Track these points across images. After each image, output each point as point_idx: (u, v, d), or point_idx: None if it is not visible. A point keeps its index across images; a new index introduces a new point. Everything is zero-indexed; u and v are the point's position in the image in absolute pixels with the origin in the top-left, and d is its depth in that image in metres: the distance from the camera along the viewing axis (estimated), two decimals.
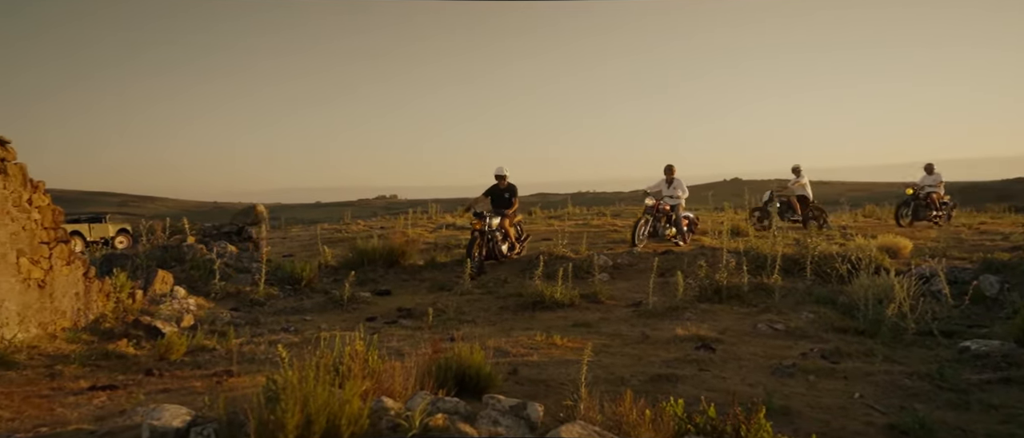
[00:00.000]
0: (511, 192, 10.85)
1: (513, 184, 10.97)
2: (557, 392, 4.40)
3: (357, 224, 20.20)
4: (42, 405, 4.41)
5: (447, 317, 7.66)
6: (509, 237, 10.76)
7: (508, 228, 10.67)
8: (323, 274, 10.30)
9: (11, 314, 5.59)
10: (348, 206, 50.75)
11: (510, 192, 10.85)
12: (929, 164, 16.16)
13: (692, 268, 9.15)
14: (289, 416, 2.63)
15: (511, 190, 10.87)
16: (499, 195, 10.91)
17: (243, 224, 11.28)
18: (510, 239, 10.80)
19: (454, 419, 2.97)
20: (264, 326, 7.45)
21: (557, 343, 6.04)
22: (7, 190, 5.61)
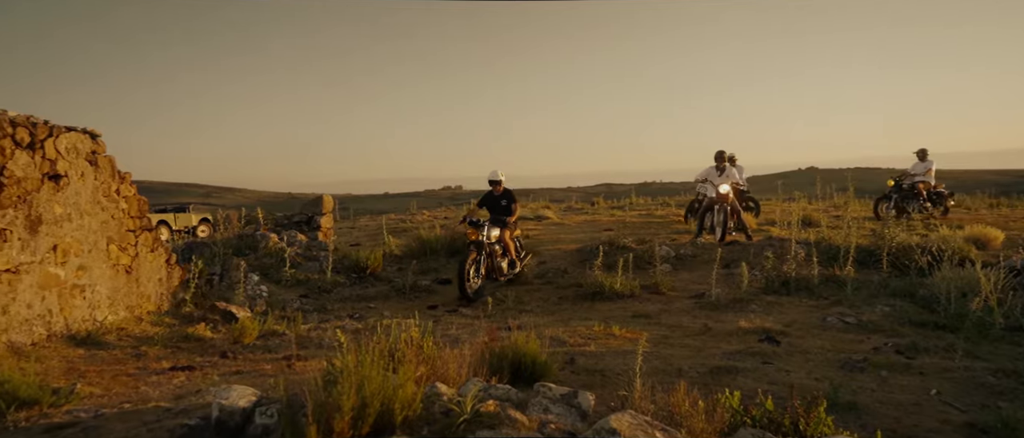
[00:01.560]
0: (508, 198, 9.21)
1: (510, 190, 9.34)
2: (613, 382, 4.36)
3: (422, 214, 20.60)
4: (128, 383, 4.73)
5: (506, 306, 7.72)
6: (510, 252, 9.00)
7: (508, 241, 8.91)
8: (387, 263, 10.56)
9: (102, 297, 6.01)
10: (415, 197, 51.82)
11: (507, 199, 9.21)
12: (922, 150, 14.51)
13: (758, 259, 8.86)
14: (345, 399, 2.71)
15: (508, 197, 9.23)
16: (495, 203, 9.26)
17: (312, 214, 11.71)
18: (511, 254, 9.05)
19: (505, 405, 2.99)
20: (331, 312, 7.73)
21: (615, 333, 5.99)
22: (97, 181, 6.02)
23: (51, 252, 5.42)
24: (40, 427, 3.04)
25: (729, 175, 11.51)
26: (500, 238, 8.77)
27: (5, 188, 4.92)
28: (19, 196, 5.06)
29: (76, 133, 5.77)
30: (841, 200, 17.11)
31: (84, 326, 5.70)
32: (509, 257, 9.05)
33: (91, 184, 5.93)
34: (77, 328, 5.63)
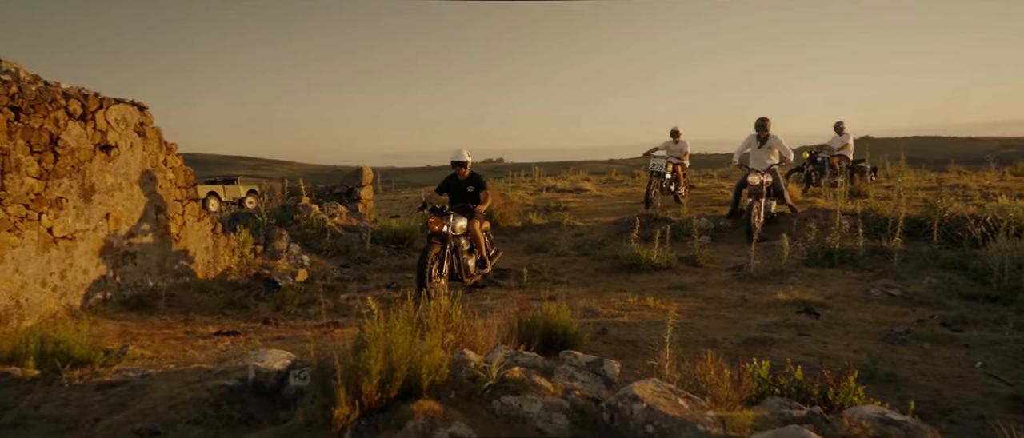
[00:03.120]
0: (476, 184, 7.47)
1: (478, 174, 7.62)
2: (644, 352, 4.35)
3: None
4: (176, 346, 4.95)
5: (542, 278, 7.74)
6: (479, 248, 7.43)
7: (478, 234, 7.34)
8: (426, 234, 10.67)
9: (152, 264, 6.28)
10: None
11: (474, 184, 7.47)
12: (839, 123, 13.84)
13: (801, 231, 8.63)
14: (373, 363, 2.77)
15: (476, 182, 7.49)
16: (460, 189, 7.54)
17: (352, 185, 11.92)
18: (480, 250, 7.46)
19: (531, 372, 3.01)
20: (369, 282, 7.89)
21: (650, 305, 5.95)
22: (146, 152, 6.25)
23: (104, 220, 5.67)
24: (92, 385, 3.22)
25: (774, 148, 9.70)
26: (468, 230, 7.29)
27: (60, 158, 5.15)
28: (73, 166, 5.29)
29: (125, 105, 5.97)
30: (893, 170, 16.46)
31: (136, 291, 5.97)
32: (478, 254, 7.46)
33: (140, 155, 6.15)
34: (129, 293, 5.90)
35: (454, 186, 7.58)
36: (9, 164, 4.67)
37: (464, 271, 7.18)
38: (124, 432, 2.56)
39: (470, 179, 7.53)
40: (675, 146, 13.07)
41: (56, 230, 5.14)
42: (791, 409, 2.47)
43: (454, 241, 7.02)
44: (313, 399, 2.80)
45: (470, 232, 7.31)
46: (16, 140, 4.74)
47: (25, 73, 5.12)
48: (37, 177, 4.94)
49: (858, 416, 2.35)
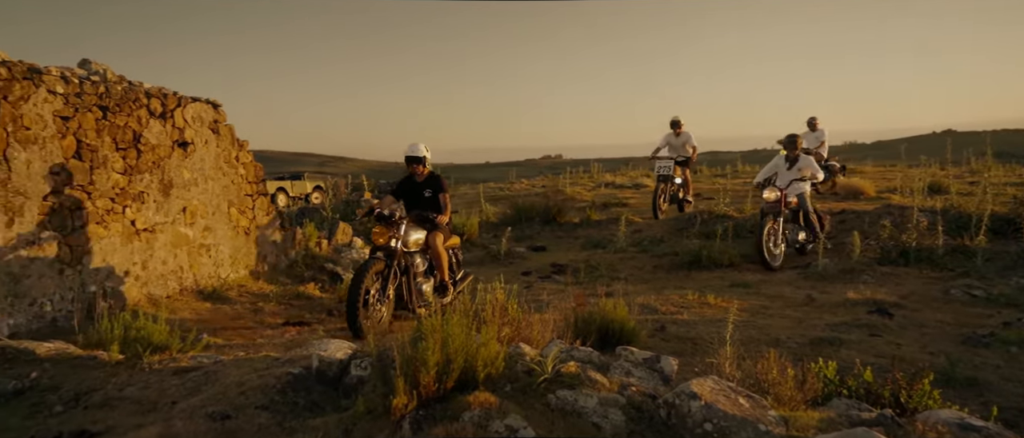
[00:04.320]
0: (435, 187, 5.86)
1: (437, 174, 6.04)
2: (704, 350, 4.25)
3: (520, 183, 20.77)
4: (246, 335, 5.18)
5: (599, 274, 7.69)
6: (440, 268, 5.77)
7: (439, 250, 5.69)
8: (484, 230, 10.79)
9: (224, 256, 6.58)
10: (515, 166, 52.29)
11: (433, 187, 5.86)
12: (812, 118, 12.76)
13: (873, 228, 8.24)
14: (430, 354, 2.82)
15: (434, 184, 5.88)
16: (415, 193, 5.93)
17: None
18: (441, 272, 5.79)
19: (586, 367, 3.00)
20: None
21: (710, 303, 5.82)
22: (219, 148, 6.55)
23: (181, 214, 5.98)
24: (169, 370, 3.40)
25: (805, 168, 7.92)
26: (426, 245, 5.69)
27: (142, 154, 5.47)
28: (153, 162, 5.60)
29: (200, 103, 6.28)
30: (979, 165, 15.47)
31: (210, 282, 6.28)
32: (438, 277, 5.82)
33: (214, 151, 6.46)
34: (204, 284, 6.21)
35: (409, 189, 5.95)
36: (97, 160, 4.99)
37: (417, 298, 5.50)
38: (199, 415, 2.69)
39: (428, 181, 5.88)
40: (677, 139, 11.18)
41: (138, 223, 5.46)
42: (859, 411, 2.37)
43: (406, 259, 5.42)
44: (373, 388, 2.87)
45: (430, 248, 5.69)
46: (103, 137, 5.06)
47: (112, 74, 5.45)
48: (122, 172, 5.26)
49: (933, 420, 2.23)
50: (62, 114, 4.68)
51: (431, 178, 5.94)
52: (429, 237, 5.69)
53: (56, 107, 4.63)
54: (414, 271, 5.57)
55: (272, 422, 2.73)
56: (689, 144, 11.23)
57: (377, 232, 5.36)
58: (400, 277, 5.41)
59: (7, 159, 4.25)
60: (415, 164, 5.84)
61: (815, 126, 12.74)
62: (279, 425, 2.71)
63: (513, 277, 7.38)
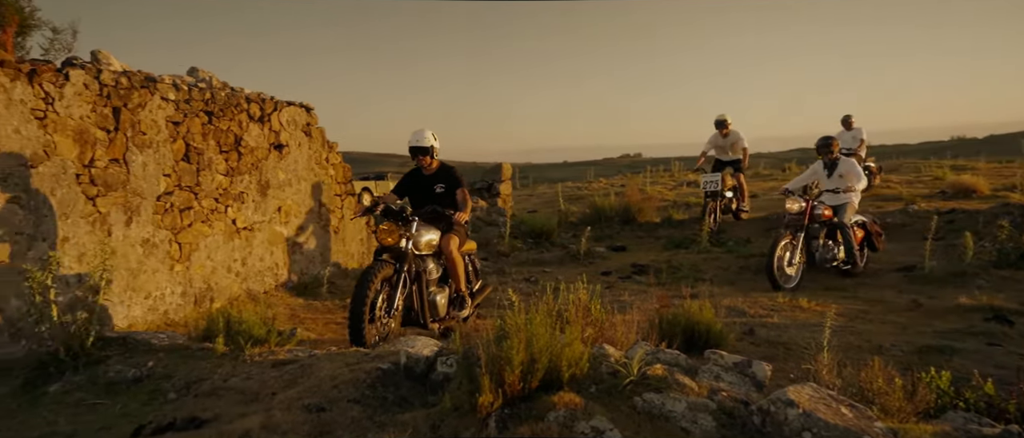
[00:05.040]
0: (449, 182, 5.08)
1: (449, 166, 5.20)
2: (797, 356, 4.06)
3: (598, 182, 20.59)
4: (337, 330, 5.39)
5: (682, 274, 7.49)
6: (456, 278, 4.94)
7: (455, 257, 4.85)
8: (563, 229, 10.75)
9: (315, 254, 6.88)
10: (593, 165, 51.81)
11: (446, 181, 5.08)
12: (847, 117, 11.54)
13: (989, 229, 7.60)
14: (515, 353, 2.84)
15: (447, 178, 5.10)
16: (423, 189, 5.13)
17: (491, 181, 12.27)
18: (457, 282, 4.97)
19: (673, 371, 2.93)
20: (508, 275, 8.08)
21: (803, 306, 5.54)
22: (311, 150, 6.86)
23: (276, 213, 6.30)
24: (268, 362, 3.58)
25: (847, 175, 6.99)
26: (441, 249, 4.87)
27: (242, 156, 5.80)
28: (252, 163, 5.93)
29: (294, 107, 6.60)
30: None
31: (302, 278, 6.58)
32: (453, 287, 5.03)
33: (306, 153, 6.77)
34: (297, 280, 6.51)
35: (416, 184, 5.15)
36: (203, 162, 5.34)
37: (429, 311, 4.73)
38: (296, 406, 2.82)
39: (439, 174, 5.09)
40: (724, 140, 10.04)
41: (239, 221, 5.79)
42: (980, 426, 2.19)
43: (417, 263, 4.64)
44: (459, 386, 2.91)
45: (443, 253, 4.86)
46: (208, 141, 5.40)
47: (217, 81, 5.81)
48: (224, 174, 5.60)
49: None
50: (173, 119, 5.04)
51: (443, 171, 5.12)
52: (443, 240, 4.84)
53: (168, 113, 4.99)
54: (426, 278, 4.71)
55: (363, 416, 2.82)
56: (739, 145, 9.99)
57: (384, 230, 4.51)
58: (410, 285, 4.57)
59: (126, 162, 4.62)
60: (421, 155, 5.01)
61: (851, 125, 11.64)
62: (370, 419, 2.79)
63: (593, 277, 7.30)
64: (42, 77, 3.99)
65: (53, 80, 4.07)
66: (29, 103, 3.92)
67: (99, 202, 4.41)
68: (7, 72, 3.79)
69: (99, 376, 3.29)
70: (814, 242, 6.85)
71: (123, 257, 4.58)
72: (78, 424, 2.85)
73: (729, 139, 10.01)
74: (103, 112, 4.42)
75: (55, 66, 4.16)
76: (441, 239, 4.86)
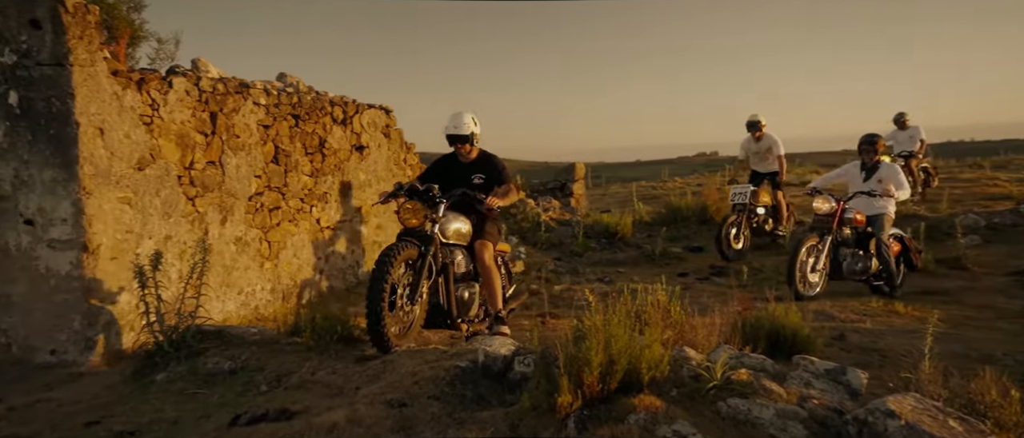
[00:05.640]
0: (489, 170, 4.51)
1: (493, 156, 4.61)
2: (894, 364, 3.82)
3: (673, 181, 20.12)
4: (422, 331, 5.50)
5: (764, 277, 7.21)
6: (490, 285, 4.37)
7: (487, 261, 4.32)
8: (637, 229, 10.57)
9: None
10: (667, 164, 50.73)
11: (486, 172, 4.50)
12: (900, 114, 10.40)
13: None
14: (593, 354, 2.81)
15: (488, 168, 4.52)
16: (459, 177, 4.51)
17: (565, 181, 12.24)
18: (490, 290, 4.38)
19: (760, 376, 2.82)
20: (582, 275, 8.03)
21: (899, 311, 5.22)
22: (390, 151, 7.06)
23: (357, 212, 6.52)
24: (352, 357, 3.70)
25: (887, 180, 6.20)
26: (477, 238, 4.38)
27: (326, 158, 6.03)
28: (335, 165, 6.16)
29: (375, 109, 6.80)
30: None
31: None
32: (487, 292, 4.41)
33: (385, 154, 6.97)
34: None
35: (451, 171, 4.55)
36: (290, 164, 5.59)
37: (458, 307, 4.21)
38: (379, 401, 2.89)
39: (479, 162, 4.50)
40: (757, 145, 8.62)
41: (322, 221, 6.03)
42: None
43: (445, 253, 4.11)
44: (536, 385, 2.91)
45: (476, 259, 4.33)
46: (295, 143, 5.65)
47: (303, 85, 6.07)
48: (309, 175, 5.84)
49: None
50: (263, 123, 5.30)
51: (484, 160, 4.49)
52: (477, 245, 4.28)
53: (259, 117, 5.25)
54: (452, 271, 4.15)
55: (443, 412, 2.86)
56: (774, 153, 8.42)
57: (408, 209, 3.99)
58: (436, 275, 4.04)
59: (222, 164, 4.89)
60: (460, 142, 4.46)
61: (905, 124, 10.52)
62: (449, 416, 2.83)
63: (670, 278, 7.14)
64: (149, 85, 4.29)
65: (159, 88, 4.36)
66: (138, 109, 4.22)
67: (197, 202, 4.70)
68: (120, 81, 4.09)
69: (199, 367, 3.50)
70: (842, 249, 6.13)
71: (218, 255, 4.85)
72: (181, 412, 3.04)
73: (763, 144, 8.59)
74: (201, 117, 4.71)
75: (160, 74, 4.46)
76: (477, 230, 4.34)
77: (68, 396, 3.39)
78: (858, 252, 6.16)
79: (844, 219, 6.08)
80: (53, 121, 3.83)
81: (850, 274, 6.12)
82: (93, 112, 3.91)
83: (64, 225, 3.87)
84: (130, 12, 5.08)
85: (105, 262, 4.00)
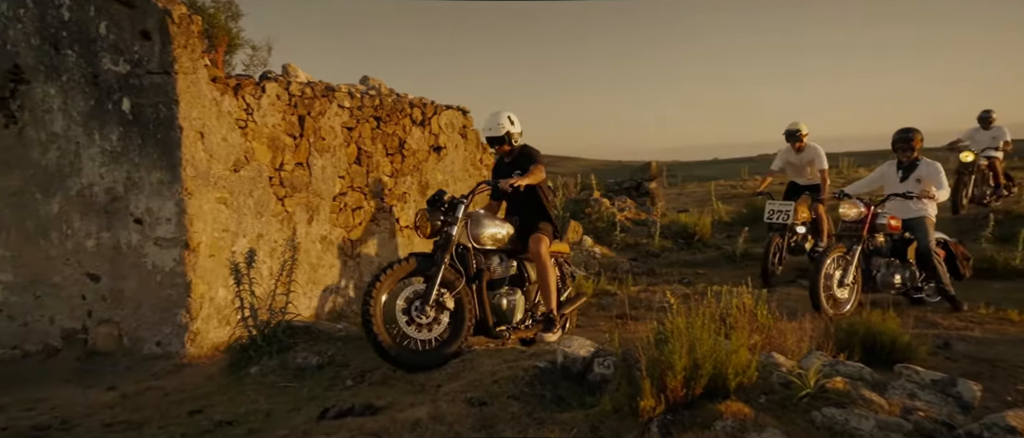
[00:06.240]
0: (522, 163, 4.25)
1: (527, 147, 4.38)
2: (1009, 375, 3.54)
3: (754, 180, 19.42)
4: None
5: None
6: (545, 287, 4.13)
7: (542, 259, 4.09)
8: (716, 230, 10.28)
9: None
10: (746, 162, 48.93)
11: (520, 164, 4.26)
12: (986, 112, 9.37)
13: None
14: (677, 358, 2.74)
15: (521, 159, 4.29)
16: (504, 174, 4.24)
17: (640, 180, 12.04)
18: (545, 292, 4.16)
19: (857, 385, 2.67)
20: (659, 276, 7.87)
21: (1013, 319, 4.83)
22: (466, 152, 7.15)
23: None
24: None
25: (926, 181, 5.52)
26: (530, 232, 4.17)
27: (405, 159, 6.18)
28: (414, 165, 6.30)
29: (452, 110, 6.91)
30: None
31: None
32: (541, 285, 4.16)
33: (462, 154, 7.06)
34: None
35: (500, 176, 4.29)
36: (371, 165, 5.76)
37: (496, 315, 3.95)
38: (460, 399, 2.93)
39: (517, 158, 4.31)
40: (797, 157, 7.57)
41: (401, 220, 6.18)
42: None
43: (479, 259, 3.88)
44: (617, 388, 2.86)
45: (531, 254, 4.13)
46: (377, 144, 5.82)
47: (384, 88, 6.25)
48: (389, 175, 6.00)
49: None
50: (347, 125, 5.48)
51: (523, 154, 4.29)
52: (532, 240, 4.06)
53: (343, 119, 5.44)
54: (489, 277, 3.95)
55: (523, 412, 2.86)
56: (816, 165, 7.41)
57: (423, 218, 3.75)
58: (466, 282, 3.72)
59: (309, 165, 5.10)
60: (498, 145, 4.32)
61: (990, 122, 9.48)
62: (529, 415, 2.83)
63: (754, 280, 6.87)
64: (244, 90, 4.52)
65: (253, 92, 4.60)
66: (234, 114, 4.46)
67: (286, 202, 4.92)
68: (218, 87, 4.34)
69: (289, 361, 3.65)
70: (875, 259, 5.46)
71: (305, 253, 5.06)
72: (274, 404, 3.18)
73: (804, 156, 7.51)
74: (291, 120, 4.92)
75: (254, 80, 4.70)
76: (530, 241, 4.08)
77: (173, 385, 3.62)
78: (893, 261, 5.51)
79: (876, 225, 5.40)
80: (160, 126, 4.10)
81: (885, 286, 5.43)
82: (194, 117, 4.17)
83: (168, 224, 4.14)
84: (228, 21, 5.38)
85: (204, 259, 4.25)
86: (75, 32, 4.17)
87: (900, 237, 5.56)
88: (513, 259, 4.19)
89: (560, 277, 4.48)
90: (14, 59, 4.27)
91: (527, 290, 4.22)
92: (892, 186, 5.67)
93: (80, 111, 4.24)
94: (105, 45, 4.13)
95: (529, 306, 4.22)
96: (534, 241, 4.08)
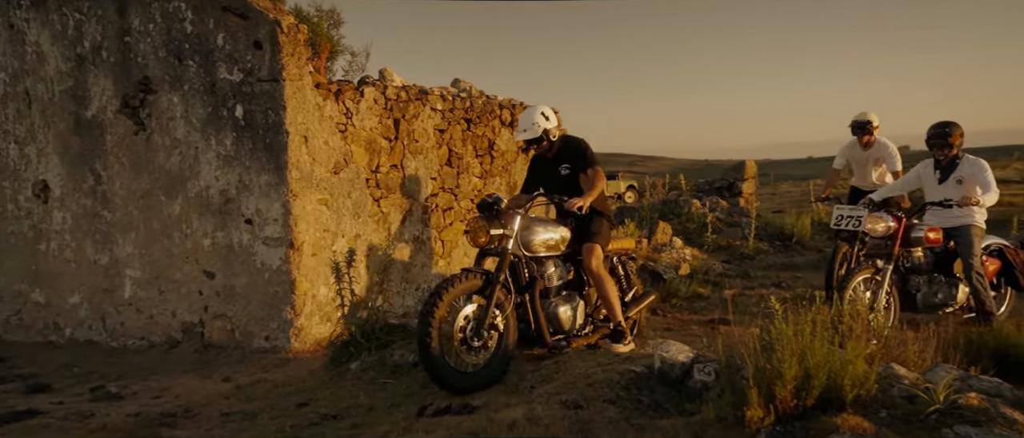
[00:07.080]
0: (576, 160, 3.91)
1: (576, 140, 4.04)
2: None
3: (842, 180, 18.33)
4: None
5: None
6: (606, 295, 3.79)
7: (598, 273, 3.74)
8: (815, 231, 9.78)
9: None
10: None
11: (573, 161, 3.92)
12: None
13: None
14: (787, 366, 2.60)
15: (576, 156, 3.93)
16: (549, 175, 3.97)
17: (733, 180, 11.61)
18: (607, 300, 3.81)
19: (995, 402, 2.44)
20: (754, 279, 7.55)
21: None
22: None
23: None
24: (524, 356, 3.75)
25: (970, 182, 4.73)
26: (583, 241, 3.80)
27: (494, 160, 6.24)
28: (502, 166, 6.35)
29: None
30: None
31: None
32: (602, 298, 3.86)
33: None
34: None
35: (541, 172, 4.06)
36: (462, 166, 5.85)
37: (552, 324, 3.65)
38: (554, 402, 2.90)
39: (562, 152, 3.98)
40: (863, 153, 6.29)
41: None
42: None
43: (532, 267, 3.60)
44: (720, 395, 2.76)
45: (584, 267, 3.81)
46: (467, 146, 5.91)
47: (475, 90, 6.34)
48: (479, 176, 6.07)
49: None
50: (439, 127, 5.60)
51: (565, 147, 3.98)
52: (584, 250, 3.74)
53: (435, 122, 5.55)
54: (545, 285, 3.65)
55: (620, 417, 2.80)
56: (888, 168, 6.08)
57: (473, 227, 3.50)
58: (520, 293, 3.53)
59: (403, 167, 5.25)
60: (536, 146, 3.96)
61: None
62: (626, 421, 2.77)
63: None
64: (344, 95, 4.71)
65: (352, 97, 4.78)
66: (335, 118, 4.66)
67: (382, 203, 5.07)
68: (321, 92, 4.54)
69: (386, 358, 3.75)
70: (913, 278, 4.74)
71: (399, 253, 5.20)
72: (374, 399, 3.28)
73: (871, 153, 6.24)
74: (386, 123, 5.08)
75: (353, 85, 4.88)
76: (583, 248, 3.77)
77: (280, 378, 3.81)
78: (937, 277, 4.79)
79: (910, 239, 4.69)
80: (268, 131, 4.34)
81: (928, 307, 4.72)
82: (300, 122, 4.37)
83: (275, 224, 4.36)
84: (330, 29, 5.62)
85: (307, 258, 4.45)
86: (196, 44, 4.48)
87: (944, 249, 4.84)
88: (569, 262, 3.88)
89: (624, 276, 4.20)
90: (144, 71, 4.63)
91: (586, 294, 3.92)
92: (931, 189, 4.91)
93: (199, 118, 4.54)
94: (222, 55, 4.41)
95: (590, 310, 3.96)
96: (587, 253, 3.71)
